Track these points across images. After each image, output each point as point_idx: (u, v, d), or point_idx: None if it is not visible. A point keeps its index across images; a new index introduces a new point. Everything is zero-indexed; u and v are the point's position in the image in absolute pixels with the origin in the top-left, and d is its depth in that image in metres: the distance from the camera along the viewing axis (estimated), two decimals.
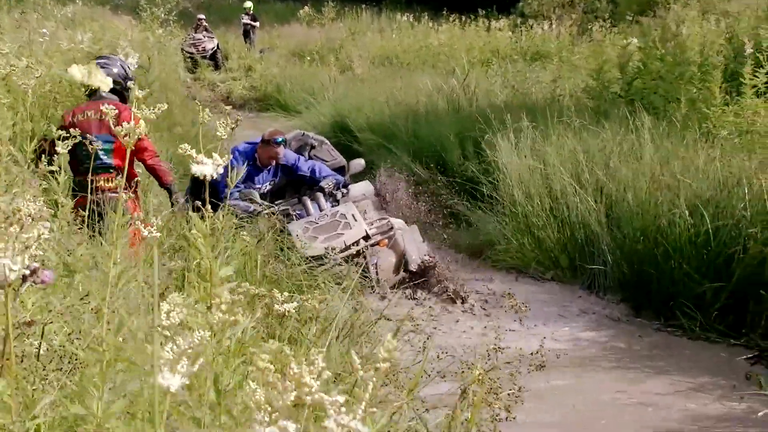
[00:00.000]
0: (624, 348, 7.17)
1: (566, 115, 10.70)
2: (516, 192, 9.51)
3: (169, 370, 1.27)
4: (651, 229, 7.99)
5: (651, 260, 7.83)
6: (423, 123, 13.07)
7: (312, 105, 18.58)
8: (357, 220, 8.34)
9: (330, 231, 8.20)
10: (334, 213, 8.43)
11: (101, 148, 6.68)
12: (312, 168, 9.03)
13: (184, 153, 2.57)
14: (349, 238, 8.17)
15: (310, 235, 8.10)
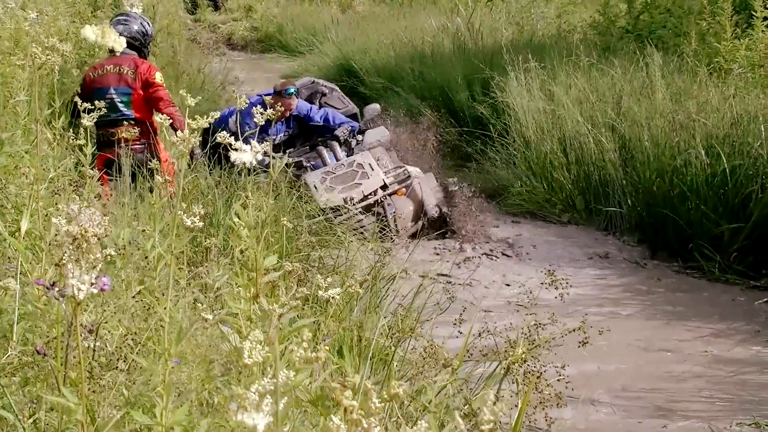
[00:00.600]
0: (643, 291, 7.19)
1: (574, 53, 10.60)
2: (528, 134, 9.47)
3: (254, 409, 1.27)
4: (666, 170, 7.98)
5: (667, 201, 7.83)
6: (429, 64, 12.98)
7: (315, 46, 18.44)
8: (374, 169, 8.29)
9: (347, 181, 8.15)
10: (350, 162, 8.36)
11: (119, 100, 7.15)
12: (325, 117, 8.96)
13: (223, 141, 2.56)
14: (367, 187, 8.13)
15: (327, 185, 8.07)
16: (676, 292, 7.11)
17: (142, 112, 7.22)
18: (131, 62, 7.29)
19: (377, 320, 4.21)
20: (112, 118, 7.00)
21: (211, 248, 3.56)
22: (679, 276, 7.45)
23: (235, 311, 2.66)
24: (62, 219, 1.83)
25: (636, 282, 7.35)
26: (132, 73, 7.24)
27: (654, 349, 6.10)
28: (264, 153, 7.26)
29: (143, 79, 7.24)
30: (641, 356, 5.98)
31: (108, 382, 2.11)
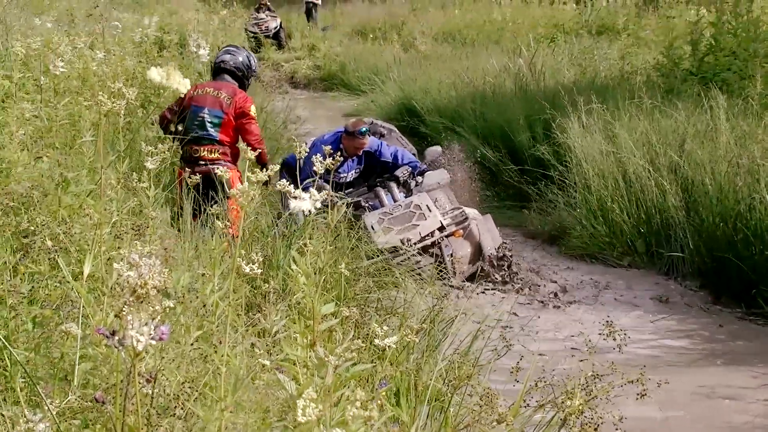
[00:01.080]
0: (704, 337, 7.09)
1: (636, 94, 10.55)
2: (589, 176, 9.42)
3: None
4: (730, 214, 7.88)
5: (731, 246, 7.73)
6: (490, 104, 12.99)
7: (377, 85, 18.56)
8: (431, 210, 8.26)
9: (405, 222, 8.13)
10: (408, 204, 8.34)
11: (209, 120, 7.62)
12: (394, 154, 8.96)
13: (282, 189, 2.59)
14: (424, 229, 8.10)
15: (385, 226, 8.05)
16: (739, 339, 6.99)
17: (227, 136, 7.66)
18: (230, 89, 7.75)
19: (434, 365, 4.20)
20: (198, 135, 7.56)
21: (269, 292, 3.59)
22: (742, 322, 7.33)
23: (292, 358, 2.68)
24: (123, 265, 1.87)
25: (698, 328, 7.24)
26: (228, 100, 7.67)
27: (715, 397, 5.99)
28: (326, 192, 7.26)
29: (238, 108, 7.66)
30: (701, 405, 5.88)
31: (165, 429, 2.13)
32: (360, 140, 8.73)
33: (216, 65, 8.11)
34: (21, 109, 5.43)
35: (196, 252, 4.30)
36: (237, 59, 8.04)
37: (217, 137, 7.62)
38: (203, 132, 7.60)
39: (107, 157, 3.70)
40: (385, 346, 2.78)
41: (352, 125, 8.87)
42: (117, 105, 3.16)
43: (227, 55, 8.09)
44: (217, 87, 7.77)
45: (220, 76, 7.96)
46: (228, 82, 7.87)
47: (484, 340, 4.95)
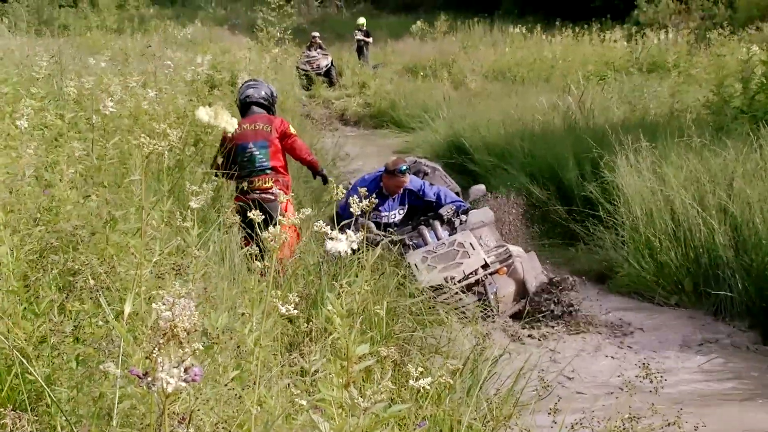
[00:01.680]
0: (752, 378, 6.99)
1: (686, 133, 10.49)
2: (636, 214, 9.36)
3: None
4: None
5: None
6: (539, 142, 12.98)
7: (426, 122, 18.63)
8: (475, 248, 8.23)
9: (448, 260, 8.12)
10: (451, 242, 8.33)
11: (258, 153, 8.10)
12: (438, 193, 8.95)
13: (319, 230, 2.63)
14: (468, 267, 8.08)
15: (428, 264, 8.03)
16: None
17: (278, 161, 8.16)
18: (265, 119, 8.24)
19: (474, 405, 4.21)
20: (250, 170, 8.06)
21: (310, 331, 3.62)
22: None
23: (328, 398, 2.71)
24: (162, 306, 1.91)
25: (745, 369, 7.15)
26: (267, 128, 8.15)
27: None
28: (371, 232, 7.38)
29: (280, 132, 8.15)
30: None
31: None
32: (399, 179, 8.78)
33: (242, 101, 8.52)
34: (71, 148, 5.55)
35: (239, 290, 4.35)
36: (261, 92, 8.52)
37: (269, 165, 8.08)
38: (254, 166, 8.05)
39: (150, 196, 3.76)
40: (421, 387, 2.80)
41: (392, 164, 8.92)
42: (159, 146, 3.23)
43: (251, 90, 8.54)
44: (252, 121, 8.20)
45: (250, 110, 8.40)
46: (258, 114, 8.32)
47: (526, 380, 4.95)
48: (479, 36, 30.24)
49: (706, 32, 23.06)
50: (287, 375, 3.06)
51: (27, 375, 2.87)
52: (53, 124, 6.53)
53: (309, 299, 5.33)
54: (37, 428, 2.47)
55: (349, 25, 35.52)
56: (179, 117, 9.00)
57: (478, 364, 5.55)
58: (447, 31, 31.48)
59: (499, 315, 7.89)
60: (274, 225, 2.88)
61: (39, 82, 8.34)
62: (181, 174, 6.69)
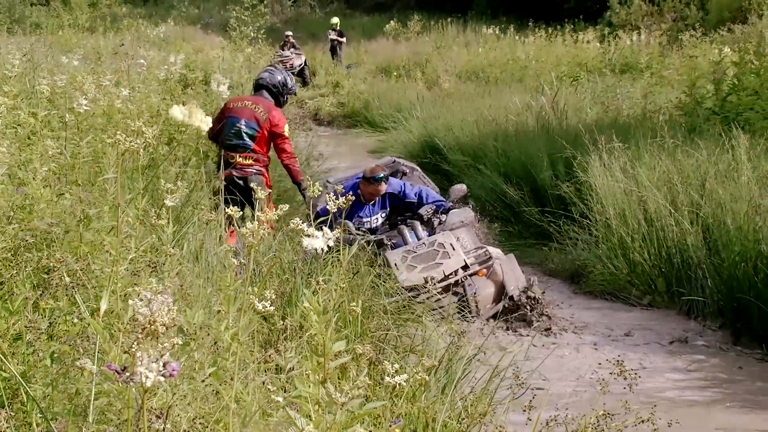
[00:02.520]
0: (723, 379, 7.04)
1: (658, 133, 10.56)
2: (610, 214, 9.41)
3: None
4: (751, 255, 7.85)
5: (751, 287, 7.69)
6: (513, 142, 13.01)
7: (400, 122, 18.65)
8: (455, 249, 8.23)
9: (428, 260, 8.10)
10: (431, 242, 8.30)
11: (246, 131, 8.45)
12: (419, 194, 8.95)
13: (295, 227, 2.63)
14: (448, 267, 8.07)
15: (408, 264, 8.02)
16: (759, 381, 6.94)
17: (260, 147, 8.50)
18: (267, 105, 8.60)
19: (449, 404, 4.22)
20: (234, 143, 8.44)
21: (285, 329, 3.62)
22: (762, 364, 7.27)
23: (305, 395, 2.71)
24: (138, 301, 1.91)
25: (716, 369, 7.19)
26: (264, 114, 8.49)
27: None
28: (349, 232, 7.36)
29: (272, 125, 8.48)
30: None
31: None
32: (375, 186, 8.77)
33: (256, 82, 8.93)
34: (45, 146, 5.52)
35: (215, 288, 4.34)
36: (275, 78, 8.87)
37: (251, 147, 8.43)
38: (239, 141, 8.43)
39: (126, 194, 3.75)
40: (397, 384, 2.81)
41: (370, 171, 8.91)
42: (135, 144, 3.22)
43: (266, 74, 8.96)
44: (255, 101, 8.61)
45: (259, 92, 8.79)
46: (265, 98, 8.72)
47: (500, 378, 4.96)
48: (452, 36, 30.28)
49: (678, 34, 23.21)
50: (263, 372, 3.06)
51: (2, 372, 2.85)
52: (26, 122, 6.48)
53: (284, 297, 5.33)
54: (14, 424, 2.46)
55: (323, 25, 35.53)
56: (153, 116, 8.97)
57: (452, 363, 5.56)
58: (420, 31, 31.53)
59: (479, 316, 7.88)
60: (255, 199, 2.92)
61: (11, 81, 8.29)
62: (155, 173, 6.66)
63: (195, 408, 2.41)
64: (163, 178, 6.48)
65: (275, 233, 6.60)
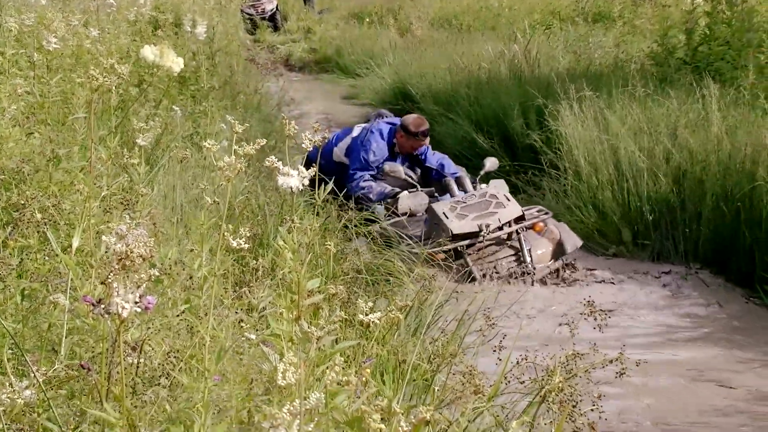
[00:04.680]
0: (700, 318, 7.09)
1: (630, 83, 10.57)
2: (580, 163, 9.43)
3: (284, 429, 1.32)
4: (724, 203, 7.95)
5: (730, 231, 7.81)
6: (485, 91, 12.98)
7: (372, 68, 18.57)
8: (510, 200, 7.92)
9: (481, 210, 7.75)
10: (482, 194, 7.96)
11: None
12: (441, 162, 8.63)
13: (270, 165, 2.61)
14: (504, 216, 7.73)
15: (458, 213, 7.69)
16: (735, 321, 7.01)
17: None
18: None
19: (419, 345, 4.25)
20: None
21: (258, 269, 3.62)
22: (742, 304, 7.35)
23: (278, 332, 2.72)
24: (112, 237, 1.90)
25: (693, 307, 7.29)
26: None
27: (702, 380, 6.05)
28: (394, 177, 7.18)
29: None
30: (688, 387, 5.94)
31: (150, 398, 2.17)
32: (419, 141, 8.41)
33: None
34: (13, 85, 5.45)
35: (186, 229, 4.33)
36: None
37: None
38: None
39: (98, 132, 3.72)
40: (370, 322, 2.82)
41: (414, 124, 8.47)
42: (108, 81, 3.18)
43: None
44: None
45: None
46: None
47: (471, 321, 5.00)
48: None
49: None
50: (236, 310, 3.06)
51: None
52: None
53: (256, 239, 5.33)
54: None
55: None
56: (123, 57, 8.85)
57: (423, 307, 5.60)
58: None
59: (534, 273, 7.59)
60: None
61: None
62: (125, 114, 6.60)
63: (170, 343, 2.41)
64: (134, 119, 6.42)
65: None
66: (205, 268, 2.69)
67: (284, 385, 1.45)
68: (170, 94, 8.94)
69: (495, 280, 7.32)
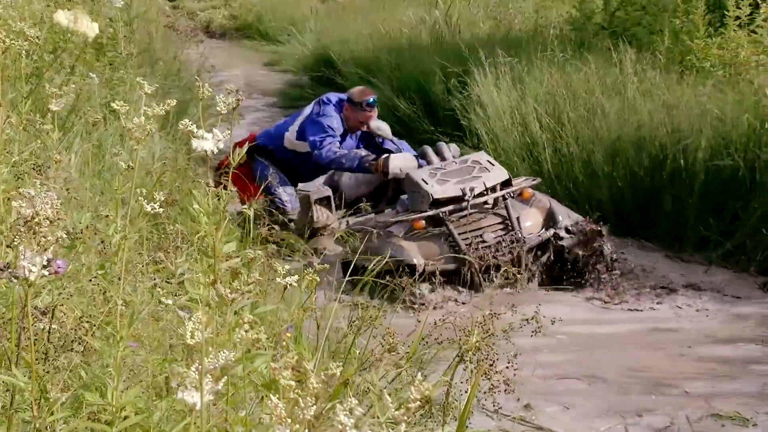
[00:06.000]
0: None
1: (549, 48, 10.67)
2: (496, 129, 9.48)
3: (193, 388, 1.32)
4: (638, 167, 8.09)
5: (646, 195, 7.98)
6: (406, 57, 13.01)
7: (294, 35, 18.47)
8: (494, 165, 7.37)
9: (464, 175, 7.19)
10: (464, 160, 7.42)
11: None
12: (400, 146, 8.04)
13: (184, 129, 2.59)
14: (489, 180, 7.12)
15: (438, 179, 7.14)
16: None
17: None
18: None
19: (340, 310, 4.27)
20: None
21: (176, 234, 3.60)
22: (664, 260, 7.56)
23: (194, 297, 2.71)
24: (21, 202, 1.88)
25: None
26: None
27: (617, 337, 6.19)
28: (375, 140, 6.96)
29: None
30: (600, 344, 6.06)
31: (63, 364, 2.15)
32: (366, 113, 7.81)
33: None
34: None
35: (103, 196, 4.29)
36: None
37: None
38: None
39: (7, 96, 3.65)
40: (287, 285, 2.83)
41: (358, 93, 7.95)
42: (17, 45, 3.13)
43: None
44: None
45: None
46: None
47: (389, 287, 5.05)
48: None
49: None
50: (153, 276, 3.04)
51: None
52: None
53: (176, 206, 5.28)
54: None
55: None
56: (36, 23, 8.66)
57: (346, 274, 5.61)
58: None
59: (523, 243, 6.87)
60: None
61: None
62: (39, 81, 6.47)
63: (82, 309, 2.39)
64: (48, 85, 6.30)
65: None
66: (119, 233, 2.67)
67: (193, 344, 1.45)
68: (86, 61, 8.78)
69: (481, 250, 6.69)
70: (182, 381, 1.33)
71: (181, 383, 1.33)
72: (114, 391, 1.91)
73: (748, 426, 4.74)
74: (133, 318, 2.02)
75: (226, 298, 2.14)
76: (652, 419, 4.86)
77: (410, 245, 6.71)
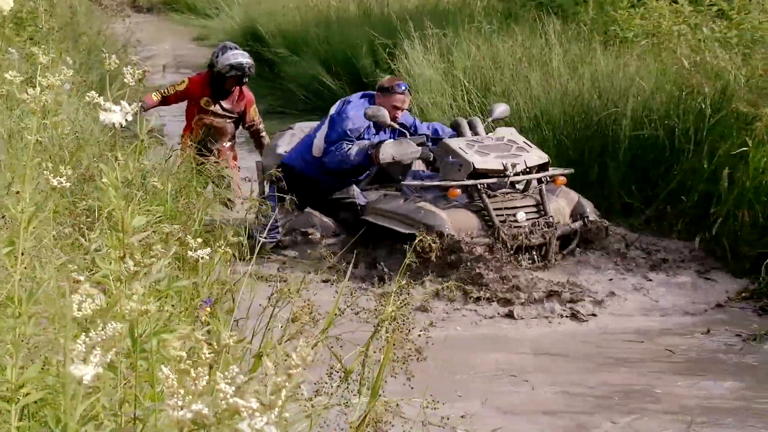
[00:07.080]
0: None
1: (476, 19, 10.69)
2: (425, 101, 9.50)
3: (82, 361, 1.31)
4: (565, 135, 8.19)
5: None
6: (334, 29, 12.97)
7: (222, 8, 18.30)
8: (532, 147, 7.14)
9: (503, 151, 6.94)
10: (499, 138, 7.15)
11: None
12: (434, 128, 7.76)
13: (91, 101, 2.56)
14: (530, 160, 6.92)
15: (477, 150, 6.88)
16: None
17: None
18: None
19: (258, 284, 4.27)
20: None
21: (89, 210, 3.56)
22: None
23: (105, 272, 2.68)
24: None
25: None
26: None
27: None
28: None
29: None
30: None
31: None
32: (397, 95, 7.35)
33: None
34: None
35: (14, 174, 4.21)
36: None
37: None
38: None
39: None
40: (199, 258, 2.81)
41: (388, 80, 7.65)
42: None
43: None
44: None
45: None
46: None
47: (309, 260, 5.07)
48: None
49: None
50: (63, 253, 3.01)
51: None
52: None
53: (90, 181, 5.20)
54: None
55: None
56: None
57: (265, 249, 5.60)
58: None
59: (554, 229, 6.68)
60: None
61: None
62: None
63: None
64: None
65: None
66: (28, 210, 2.63)
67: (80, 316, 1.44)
68: (5, 36, 8.63)
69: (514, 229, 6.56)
70: (70, 354, 1.32)
71: (69, 357, 1.32)
72: (13, 368, 1.89)
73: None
74: (32, 294, 1.99)
75: (129, 271, 2.13)
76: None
77: (442, 212, 6.55)
